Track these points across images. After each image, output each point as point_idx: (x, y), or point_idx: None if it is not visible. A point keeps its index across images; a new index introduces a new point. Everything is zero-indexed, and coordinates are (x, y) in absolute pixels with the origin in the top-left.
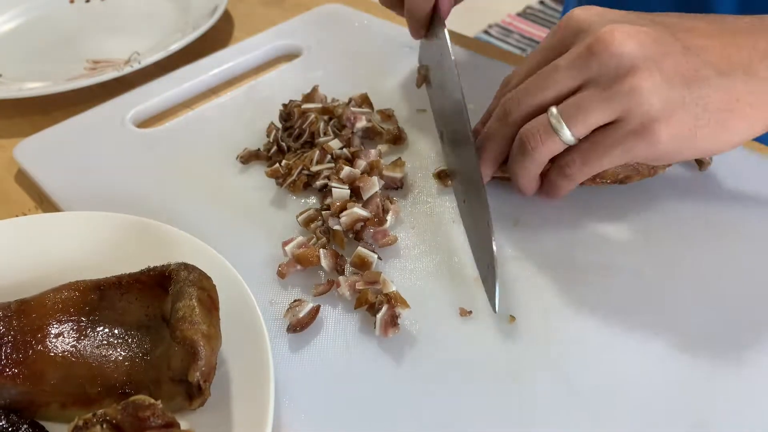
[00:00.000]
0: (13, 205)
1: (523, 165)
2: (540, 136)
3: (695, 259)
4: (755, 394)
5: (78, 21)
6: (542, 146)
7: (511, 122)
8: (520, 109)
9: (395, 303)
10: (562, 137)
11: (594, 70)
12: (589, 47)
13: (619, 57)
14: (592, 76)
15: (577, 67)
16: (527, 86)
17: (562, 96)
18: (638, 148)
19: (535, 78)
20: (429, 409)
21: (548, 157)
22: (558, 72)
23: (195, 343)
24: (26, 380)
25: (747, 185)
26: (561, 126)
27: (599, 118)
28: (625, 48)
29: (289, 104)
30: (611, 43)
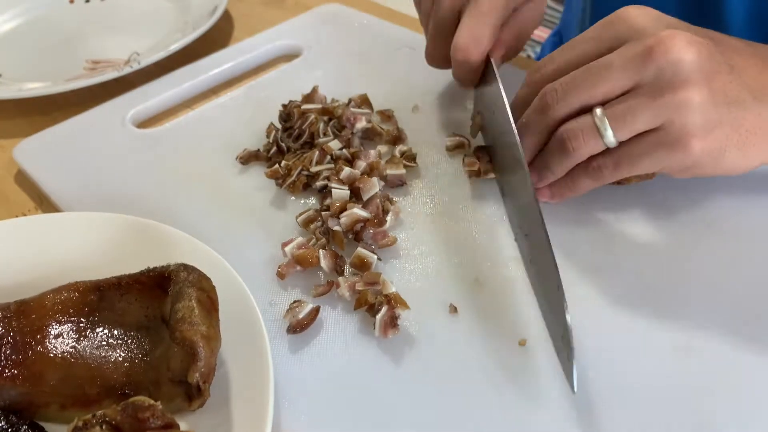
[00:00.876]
0: (13, 205)
1: (560, 163)
2: (583, 137)
3: (696, 259)
4: (758, 394)
5: (78, 21)
6: (584, 148)
7: (552, 116)
8: (566, 104)
9: (395, 304)
10: (605, 140)
11: (650, 73)
12: (648, 48)
13: (676, 65)
14: (645, 80)
15: (632, 68)
16: (574, 80)
17: (611, 96)
18: (671, 159)
19: (584, 73)
20: (429, 410)
21: (586, 156)
22: (612, 71)
23: (194, 344)
24: (26, 381)
25: (747, 185)
26: (606, 129)
27: (644, 125)
28: (686, 56)
29: (289, 105)
30: (672, 48)
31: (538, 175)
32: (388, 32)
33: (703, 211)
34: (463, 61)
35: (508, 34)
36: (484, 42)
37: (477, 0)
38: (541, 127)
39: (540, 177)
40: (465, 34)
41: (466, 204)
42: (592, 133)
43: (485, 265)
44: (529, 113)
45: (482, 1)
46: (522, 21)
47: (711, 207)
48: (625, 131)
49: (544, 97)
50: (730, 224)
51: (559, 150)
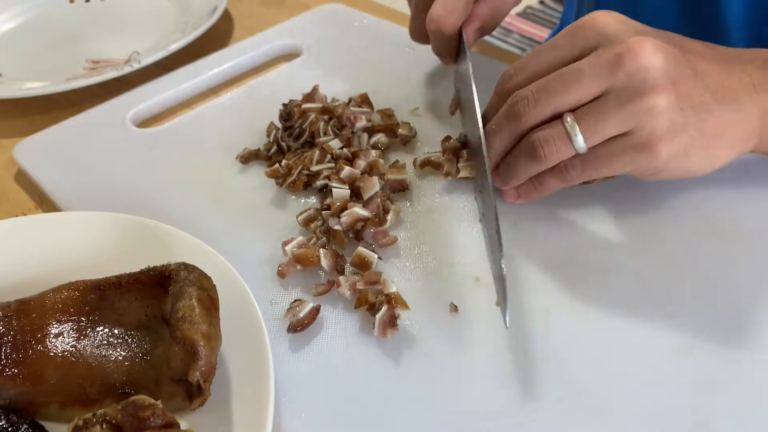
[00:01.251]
0: (13, 205)
1: (529, 168)
2: (555, 143)
3: (695, 259)
4: (757, 394)
5: (78, 21)
6: (555, 154)
7: (524, 123)
8: (538, 112)
9: (395, 304)
10: (576, 145)
11: (619, 79)
12: (618, 56)
13: (645, 71)
14: (615, 86)
15: (602, 74)
16: (546, 88)
17: (582, 102)
18: (638, 162)
19: (555, 80)
20: (429, 410)
21: (555, 163)
22: (582, 77)
23: (195, 343)
24: (26, 380)
25: (747, 185)
26: (576, 135)
27: (614, 130)
28: (653, 62)
29: (289, 104)
30: (641, 54)
31: (502, 178)
32: (388, 32)
33: (703, 211)
34: (436, 31)
35: (483, 7)
36: (456, 13)
37: None
38: (512, 134)
39: (504, 181)
40: (439, 6)
41: (466, 203)
42: (563, 140)
43: (486, 264)
44: (500, 119)
45: None
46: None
47: (711, 207)
48: (595, 137)
49: (516, 105)
50: (730, 224)
51: (529, 156)
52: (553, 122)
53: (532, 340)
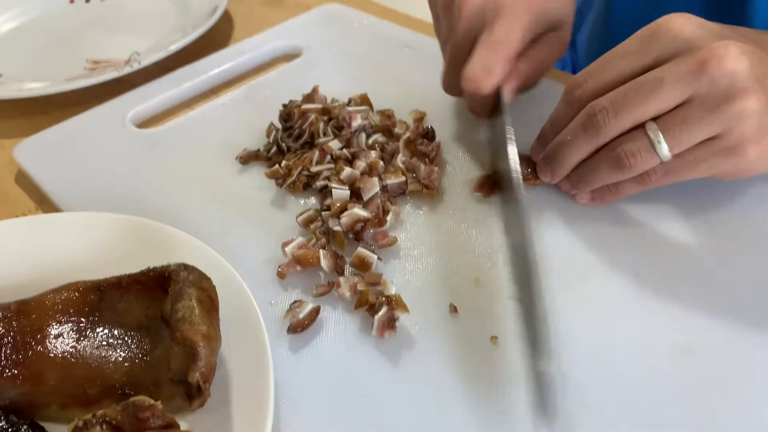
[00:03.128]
0: (13, 205)
1: (611, 177)
2: (641, 154)
3: (696, 260)
4: (757, 394)
5: (78, 21)
6: (641, 164)
7: (604, 135)
8: (618, 123)
9: (395, 306)
10: (661, 155)
11: (704, 85)
12: (702, 62)
13: (731, 76)
14: (699, 93)
15: (685, 82)
16: (625, 98)
17: (664, 111)
18: (725, 165)
19: (635, 90)
20: (429, 410)
21: (641, 172)
22: (664, 86)
23: (195, 344)
24: (26, 381)
25: (747, 185)
26: (660, 144)
27: (701, 137)
28: (739, 66)
29: (289, 104)
30: (726, 59)
31: (574, 184)
32: (388, 32)
33: (703, 210)
34: (473, 92)
35: (525, 65)
36: (495, 73)
37: (492, 28)
38: (590, 146)
39: (576, 186)
40: (476, 65)
41: (466, 203)
42: (648, 150)
43: (485, 265)
44: (576, 130)
45: (497, 29)
46: (542, 51)
47: (711, 206)
48: (681, 145)
49: (595, 117)
50: (731, 224)
51: (613, 167)
52: (636, 133)
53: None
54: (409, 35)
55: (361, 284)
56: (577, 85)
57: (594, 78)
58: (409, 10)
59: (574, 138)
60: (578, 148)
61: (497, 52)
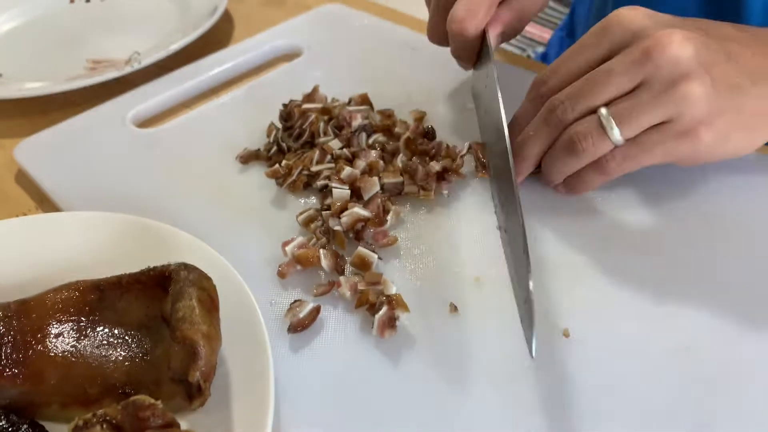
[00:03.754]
0: (13, 205)
1: (568, 164)
2: (591, 136)
3: (696, 259)
4: (757, 394)
5: (78, 21)
6: (592, 147)
7: (561, 126)
8: (573, 112)
9: (395, 305)
10: (612, 138)
11: (650, 72)
12: (646, 50)
13: (675, 62)
14: (646, 79)
15: (633, 70)
16: (579, 90)
17: (614, 98)
18: (680, 149)
19: (587, 82)
20: (429, 410)
21: (594, 158)
22: (612, 76)
23: (195, 343)
24: (26, 380)
25: (747, 185)
26: (611, 127)
27: (650, 120)
28: (683, 53)
29: (289, 104)
30: (669, 46)
31: (545, 178)
32: (388, 32)
33: (703, 210)
34: (458, 33)
35: (507, 11)
36: (479, 15)
37: None
38: (549, 134)
39: (547, 181)
40: (461, 6)
41: (466, 203)
42: (599, 133)
43: (485, 264)
44: (537, 124)
45: None
46: (522, 2)
47: (711, 206)
48: (631, 128)
49: (554, 111)
50: (731, 223)
51: (566, 152)
52: (588, 117)
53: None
54: (410, 35)
55: (362, 284)
56: (541, 83)
57: (555, 75)
58: (410, 10)
59: (536, 132)
60: (540, 141)
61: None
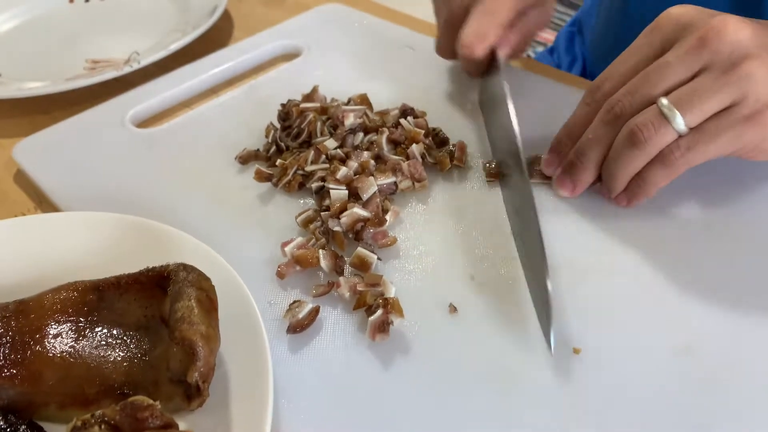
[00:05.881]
0: (13, 205)
1: (630, 159)
2: (653, 125)
3: (696, 260)
4: (757, 394)
5: (78, 21)
6: (655, 136)
7: (620, 122)
8: (630, 106)
9: (390, 309)
10: (676, 126)
11: (708, 58)
12: (701, 38)
13: (733, 44)
14: (705, 65)
15: (690, 59)
16: (635, 85)
17: (673, 89)
18: (749, 134)
19: (643, 76)
20: (429, 410)
21: (658, 149)
22: (670, 67)
23: (194, 344)
24: (24, 381)
25: (748, 185)
26: (674, 114)
27: (714, 104)
28: (740, 35)
29: (288, 104)
30: (725, 31)
31: (607, 186)
32: (388, 32)
33: (703, 211)
34: (468, 57)
35: (514, 34)
36: (488, 39)
37: (485, 0)
38: (609, 137)
39: (610, 187)
40: (470, 31)
41: (466, 203)
42: (660, 120)
43: (485, 264)
44: (596, 126)
45: (490, 1)
46: (529, 24)
47: (711, 207)
48: (695, 114)
49: (613, 109)
50: (731, 223)
51: (629, 145)
52: (649, 108)
53: (531, 341)
54: (409, 35)
55: (361, 285)
56: (596, 88)
57: (610, 78)
58: (409, 10)
59: (595, 134)
60: (600, 143)
61: (490, 20)
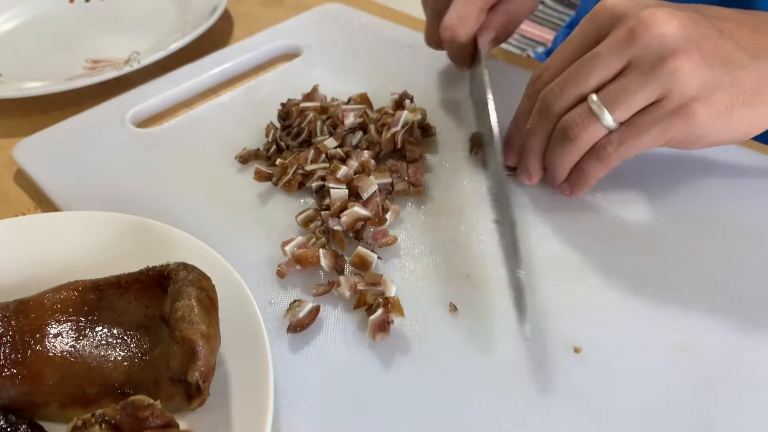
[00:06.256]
0: (13, 205)
1: (564, 153)
2: (582, 122)
3: (696, 259)
4: (757, 394)
5: (78, 21)
6: (585, 133)
7: (553, 115)
8: (563, 100)
9: (391, 309)
10: (604, 122)
11: (636, 52)
12: (630, 30)
13: (660, 38)
14: (633, 59)
15: (618, 52)
16: (566, 77)
17: (604, 83)
18: (676, 127)
19: (575, 68)
20: (429, 409)
21: (590, 144)
22: (599, 59)
23: (194, 343)
24: (25, 380)
25: (747, 185)
26: (602, 111)
27: (641, 100)
28: (667, 29)
29: (288, 103)
30: (653, 24)
31: (550, 176)
32: (388, 32)
33: (703, 210)
34: (450, 39)
35: (497, 18)
36: (470, 22)
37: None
38: (545, 127)
39: (552, 178)
40: (452, 14)
41: (466, 203)
42: (589, 117)
43: (486, 264)
44: (533, 117)
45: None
46: (512, 7)
47: (711, 206)
48: (621, 110)
49: (544, 100)
50: (731, 223)
51: (561, 140)
52: (579, 105)
53: (531, 341)
54: (409, 35)
55: (362, 284)
56: (536, 78)
57: (548, 69)
58: (409, 10)
59: (533, 125)
60: (535, 132)
61: (472, 3)
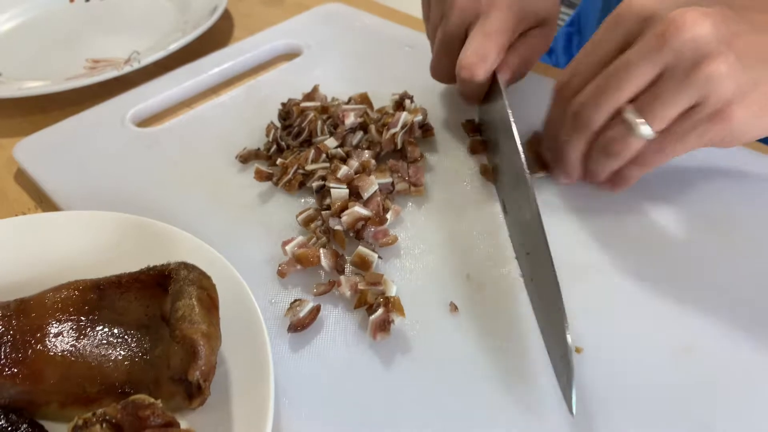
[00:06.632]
0: (13, 204)
1: (606, 166)
2: (622, 139)
3: (697, 260)
4: (758, 394)
5: (78, 20)
6: (626, 150)
7: (591, 132)
8: (598, 115)
9: (391, 308)
10: (643, 135)
11: (669, 58)
12: (661, 35)
13: (693, 42)
14: (667, 66)
15: (651, 58)
16: (599, 88)
17: (639, 90)
18: (713, 131)
19: (607, 78)
20: (429, 409)
21: (632, 155)
22: (632, 68)
23: (195, 343)
24: (26, 380)
25: (748, 185)
26: (641, 125)
27: (677, 109)
28: (699, 31)
29: (288, 103)
30: (684, 27)
31: (590, 178)
32: (388, 32)
33: (704, 210)
34: (468, 79)
35: (514, 56)
36: (489, 61)
37: (486, 19)
38: (583, 139)
39: (592, 180)
40: (471, 52)
41: (466, 202)
42: (628, 133)
43: (486, 264)
44: (569, 131)
45: (491, 20)
46: (529, 46)
47: (712, 206)
48: (658, 121)
49: (579, 115)
50: (731, 223)
51: (604, 156)
52: (616, 119)
53: (531, 341)
54: (409, 35)
55: (362, 283)
56: (564, 85)
57: (577, 75)
58: (409, 10)
59: (569, 137)
60: (575, 146)
61: (492, 40)
